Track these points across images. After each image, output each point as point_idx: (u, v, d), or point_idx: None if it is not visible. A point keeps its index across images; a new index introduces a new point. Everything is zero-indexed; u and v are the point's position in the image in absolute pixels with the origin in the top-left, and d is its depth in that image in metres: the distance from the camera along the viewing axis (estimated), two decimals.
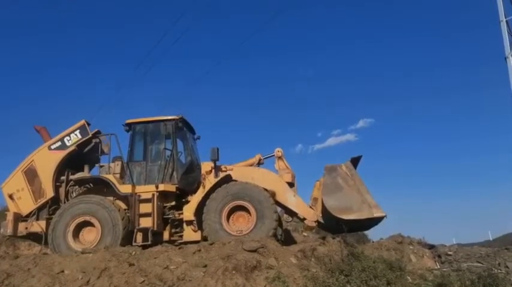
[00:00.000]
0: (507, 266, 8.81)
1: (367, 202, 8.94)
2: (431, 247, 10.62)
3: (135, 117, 10.39)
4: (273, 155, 10.47)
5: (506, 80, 17.04)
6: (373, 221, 9.12)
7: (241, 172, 10.04)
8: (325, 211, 9.22)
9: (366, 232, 14.77)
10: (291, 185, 10.04)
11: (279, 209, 9.91)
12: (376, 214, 8.79)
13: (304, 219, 9.84)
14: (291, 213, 10.06)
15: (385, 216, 8.86)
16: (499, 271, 8.60)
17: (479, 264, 9.02)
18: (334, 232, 10.43)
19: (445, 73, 79.50)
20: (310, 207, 9.82)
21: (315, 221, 9.72)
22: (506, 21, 17.32)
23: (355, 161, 9.73)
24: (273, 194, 9.54)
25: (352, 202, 9.01)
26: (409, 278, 7.73)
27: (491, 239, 24.06)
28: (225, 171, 9.89)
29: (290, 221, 10.27)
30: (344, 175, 9.35)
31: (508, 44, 17.07)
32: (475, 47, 76.72)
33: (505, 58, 17.06)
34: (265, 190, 9.51)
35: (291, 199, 9.80)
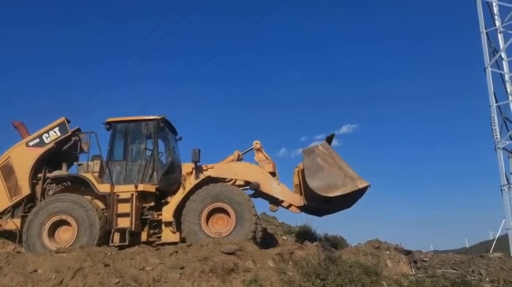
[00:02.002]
0: (480, 273, 8.95)
1: (349, 175, 9.09)
2: (407, 252, 10.72)
3: (118, 116, 10.27)
4: (252, 148, 10.53)
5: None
6: (358, 194, 9.25)
7: (223, 168, 10.10)
8: (310, 193, 9.30)
9: (344, 237, 14.85)
10: (272, 174, 10.14)
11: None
12: (361, 185, 8.95)
13: (290, 206, 10.00)
14: (276, 202, 10.14)
15: (369, 186, 9.02)
16: (473, 277, 8.74)
17: (453, 270, 9.14)
18: (320, 213, 10.57)
19: (430, 79, 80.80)
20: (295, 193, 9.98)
21: (300, 206, 9.89)
22: (486, 32, 17.69)
23: (329, 140, 9.91)
24: (257, 186, 9.68)
25: (335, 178, 9.12)
26: (384, 283, 7.80)
27: (467, 246, 24.48)
28: (206, 169, 9.91)
29: (276, 210, 10.34)
30: (322, 155, 9.45)
31: (488, 55, 17.43)
32: (461, 52, 78.19)
33: (484, 69, 17.42)
34: (249, 182, 9.73)
35: (276, 188, 9.91)
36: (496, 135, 16.62)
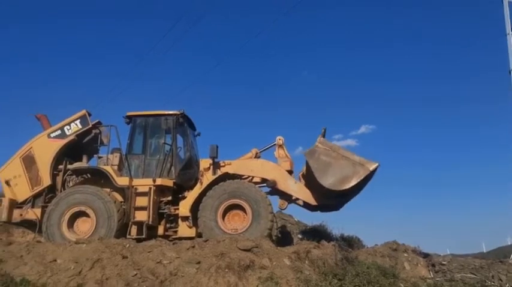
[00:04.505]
0: (500, 279, 8.78)
1: (357, 162, 9.04)
2: (425, 255, 10.61)
3: (137, 110, 10.38)
4: (274, 144, 10.47)
5: None
6: (370, 176, 9.15)
7: (240, 165, 10.11)
8: (326, 192, 9.21)
9: (361, 238, 14.71)
10: (289, 172, 10.11)
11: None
12: (372, 167, 8.90)
13: (305, 204, 10.01)
14: (289, 199, 10.12)
15: (379, 165, 8.99)
16: (492, 283, 8.59)
17: (472, 275, 9.00)
18: (337, 207, 10.56)
19: (450, 82, 79.36)
20: None
21: (316, 205, 9.89)
22: None
23: (323, 134, 9.86)
24: (274, 183, 9.69)
25: (345, 169, 9.03)
26: (402, 285, 7.71)
27: (484, 251, 24.02)
28: (223, 166, 9.95)
29: (285, 208, 10.31)
30: (324, 151, 9.37)
31: None
32: (485, 55, 76.35)
33: (509, 71, 17.02)
34: (266, 179, 9.78)
35: (293, 186, 9.90)
36: None
